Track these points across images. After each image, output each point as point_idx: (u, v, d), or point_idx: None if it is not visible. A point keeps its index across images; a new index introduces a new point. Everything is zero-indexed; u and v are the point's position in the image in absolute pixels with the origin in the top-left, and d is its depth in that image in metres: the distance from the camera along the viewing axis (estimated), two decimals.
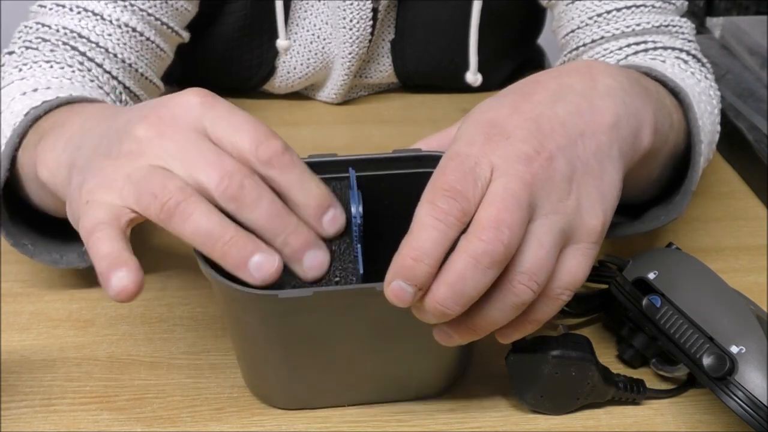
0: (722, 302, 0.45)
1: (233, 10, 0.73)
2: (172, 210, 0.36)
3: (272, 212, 0.38)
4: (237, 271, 0.37)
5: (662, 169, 0.52)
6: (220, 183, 0.37)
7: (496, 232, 0.35)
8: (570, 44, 0.68)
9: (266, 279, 0.37)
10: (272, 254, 0.38)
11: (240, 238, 0.37)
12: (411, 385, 0.46)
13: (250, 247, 0.37)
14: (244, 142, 0.38)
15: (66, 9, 0.61)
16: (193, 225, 0.37)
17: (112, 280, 0.36)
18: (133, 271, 0.36)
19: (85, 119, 0.45)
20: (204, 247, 0.37)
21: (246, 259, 0.37)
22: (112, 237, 0.37)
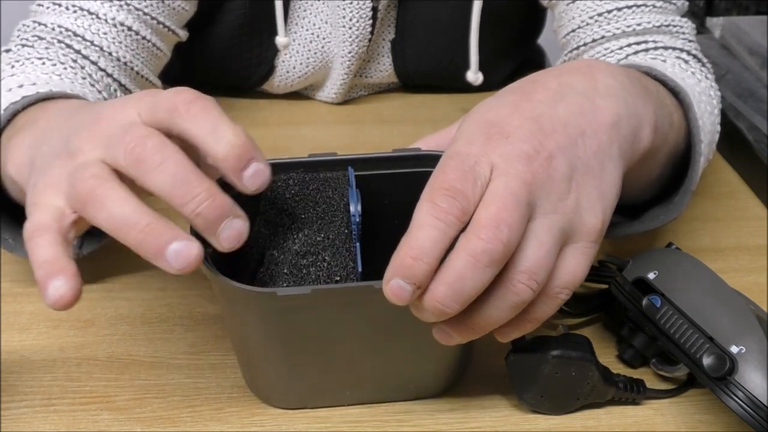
0: (722, 302, 0.45)
1: (232, 9, 0.73)
2: (86, 198, 0.35)
3: (178, 176, 0.35)
4: (155, 261, 0.35)
5: (662, 168, 0.52)
6: (125, 150, 0.35)
7: (495, 231, 0.35)
8: (571, 44, 0.68)
9: (185, 267, 0.35)
10: (190, 241, 0.35)
11: (157, 225, 0.35)
12: (411, 385, 0.46)
13: (167, 235, 0.35)
14: (160, 102, 0.37)
15: (62, 8, 0.62)
16: (106, 212, 0.35)
17: (49, 289, 0.35)
18: (70, 279, 0.35)
19: (52, 116, 0.45)
20: (119, 236, 0.35)
21: (163, 248, 0.35)
22: (51, 242, 0.36)
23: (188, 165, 0.35)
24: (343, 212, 0.43)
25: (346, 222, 0.43)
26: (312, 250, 0.41)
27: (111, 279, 0.56)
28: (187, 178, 0.35)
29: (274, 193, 0.44)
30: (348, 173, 0.45)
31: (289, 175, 0.45)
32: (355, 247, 0.42)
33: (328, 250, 0.41)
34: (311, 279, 0.40)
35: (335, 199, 0.44)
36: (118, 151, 0.36)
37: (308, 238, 0.42)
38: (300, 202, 0.44)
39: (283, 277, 0.40)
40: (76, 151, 0.38)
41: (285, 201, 0.44)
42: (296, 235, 0.42)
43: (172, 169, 0.35)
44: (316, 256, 0.41)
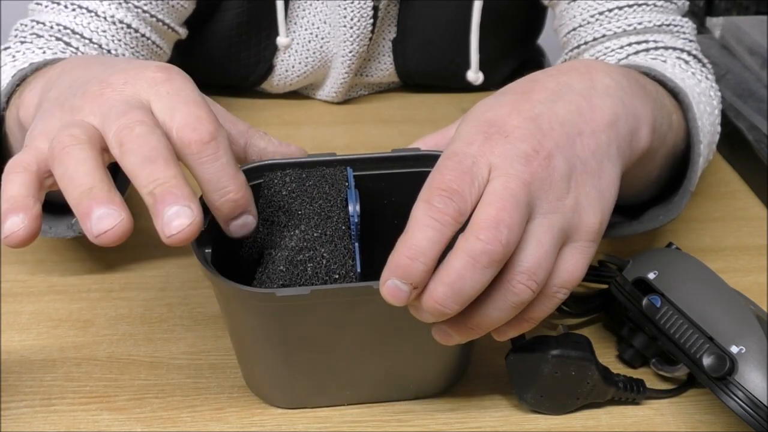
0: (722, 302, 0.45)
1: (231, 7, 0.73)
2: (56, 154, 0.36)
3: (147, 158, 0.35)
4: (82, 223, 0.34)
5: (661, 169, 0.52)
6: (117, 129, 0.36)
7: (494, 232, 0.35)
8: (571, 42, 0.68)
9: (101, 235, 0.34)
10: (120, 212, 0.34)
11: (96, 189, 0.34)
12: (411, 385, 0.46)
13: (101, 199, 0.34)
14: (175, 120, 0.37)
15: (61, 6, 0.62)
16: (62, 168, 0.35)
17: (6, 224, 0.35)
18: (29, 219, 0.35)
19: (66, 63, 0.45)
20: (65, 193, 0.35)
21: (91, 210, 0.34)
22: (25, 182, 0.36)
23: (163, 152, 0.36)
24: (341, 208, 0.43)
25: (343, 218, 0.43)
26: (309, 246, 0.41)
27: (111, 279, 0.56)
28: (155, 161, 0.35)
29: (271, 191, 0.44)
30: (346, 168, 0.45)
31: (286, 172, 0.45)
32: (354, 247, 0.42)
33: (326, 246, 0.41)
34: (308, 275, 0.40)
35: (332, 195, 0.44)
36: (111, 128, 0.36)
37: (305, 234, 0.42)
38: (297, 199, 0.44)
39: (279, 273, 0.40)
40: (77, 109, 0.38)
41: (282, 198, 0.44)
42: (293, 232, 0.42)
43: (145, 152, 0.35)
44: (314, 252, 0.41)
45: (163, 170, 0.35)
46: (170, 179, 0.35)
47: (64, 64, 0.45)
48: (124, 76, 0.39)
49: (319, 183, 0.45)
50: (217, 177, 0.38)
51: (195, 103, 0.38)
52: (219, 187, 0.38)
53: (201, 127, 0.37)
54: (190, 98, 0.38)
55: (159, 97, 0.38)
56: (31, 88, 0.45)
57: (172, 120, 0.37)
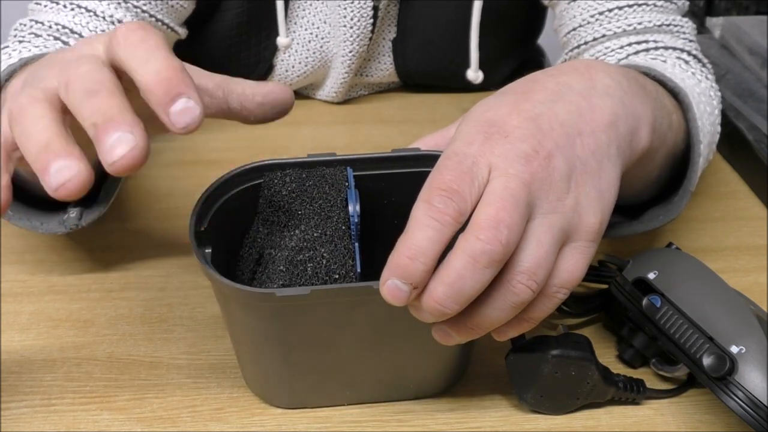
0: (722, 302, 0.45)
1: (231, 7, 0.73)
2: (14, 116, 0.35)
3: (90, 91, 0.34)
4: (41, 177, 0.34)
5: (661, 169, 0.52)
6: (65, 77, 0.35)
7: (494, 232, 0.35)
8: (571, 42, 0.68)
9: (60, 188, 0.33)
10: (77, 163, 0.33)
11: (53, 143, 0.34)
12: (411, 385, 0.46)
13: (59, 152, 0.33)
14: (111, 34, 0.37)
15: (60, 6, 0.62)
16: (20, 128, 0.35)
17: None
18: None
19: (51, 53, 0.45)
20: (24, 153, 0.35)
21: (50, 163, 0.33)
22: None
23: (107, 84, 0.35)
24: (341, 208, 0.43)
25: (343, 218, 0.43)
26: (309, 246, 0.41)
27: (111, 279, 0.56)
28: (97, 93, 0.34)
29: (271, 191, 0.44)
30: (346, 168, 0.45)
31: (286, 172, 0.45)
32: (354, 247, 0.42)
33: (326, 246, 0.41)
34: (308, 275, 0.40)
35: (332, 195, 0.44)
36: (62, 79, 0.36)
37: (305, 234, 0.42)
38: (297, 199, 0.44)
39: (279, 273, 0.40)
40: (41, 78, 0.38)
41: (282, 198, 0.44)
42: (293, 232, 0.42)
43: (88, 86, 0.34)
44: (314, 252, 0.41)
45: (106, 100, 0.34)
46: (111, 108, 0.34)
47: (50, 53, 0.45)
48: (84, 41, 0.39)
49: (319, 183, 0.45)
50: (147, 57, 0.35)
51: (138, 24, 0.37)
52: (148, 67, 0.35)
53: (129, 24, 0.36)
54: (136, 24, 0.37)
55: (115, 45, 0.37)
56: (14, 80, 0.45)
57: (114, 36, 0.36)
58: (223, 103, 0.43)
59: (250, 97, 0.43)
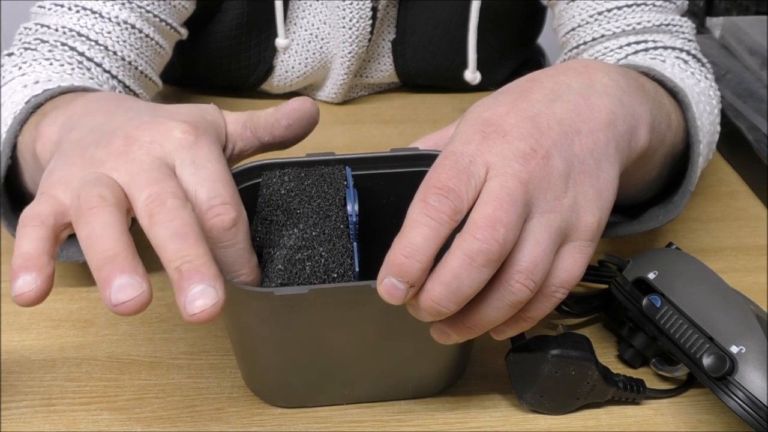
0: (722, 302, 0.45)
1: (231, 8, 0.74)
2: (82, 213, 0.35)
3: (177, 233, 0.34)
4: (101, 289, 0.33)
5: (660, 168, 0.52)
6: (147, 198, 0.35)
7: (491, 231, 0.35)
8: (570, 42, 0.68)
9: (120, 305, 0.33)
10: (141, 283, 0.33)
11: (120, 257, 0.33)
12: (410, 384, 0.46)
13: (124, 267, 0.33)
14: (199, 197, 0.37)
15: (65, 8, 0.62)
16: (88, 230, 0.34)
17: (18, 282, 0.34)
18: (41, 279, 0.34)
19: (88, 102, 0.45)
20: (87, 255, 0.34)
21: (112, 277, 0.33)
22: (40, 236, 0.35)
23: (194, 229, 0.35)
24: (339, 207, 0.43)
25: (342, 217, 0.43)
26: (307, 245, 0.41)
27: None
28: (186, 238, 0.34)
29: (270, 190, 0.44)
30: (344, 168, 0.45)
31: (285, 171, 0.45)
32: (352, 247, 0.42)
33: (324, 245, 0.41)
34: (307, 274, 0.40)
35: (331, 194, 0.44)
36: (140, 194, 0.36)
37: (303, 233, 0.42)
38: (296, 198, 0.44)
39: (277, 272, 0.40)
40: (100, 161, 0.38)
41: (281, 197, 0.44)
42: (291, 231, 0.42)
43: (176, 227, 0.35)
44: (312, 251, 0.41)
45: (193, 247, 0.34)
46: (199, 257, 0.34)
47: (87, 102, 0.45)
48: (150, 133, 0.39)
49: (317, 182, 0.45)
50: (233, 261, 0.39)
51: (220, 179, 0.38)
52: (233, 269, 0.39)
53: (225, 212, 0.37)
54: (215, 173, 0.38)
55: (184, 165, 0.38)
56: (49, 122, 0.44)
57: (197, 196, 0.37)
58: (255, 140, 0.44)
59: (276, 124, 0.44)
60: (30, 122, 0.49)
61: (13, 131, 0.49)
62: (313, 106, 0.45)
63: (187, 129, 0.39)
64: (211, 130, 0.41)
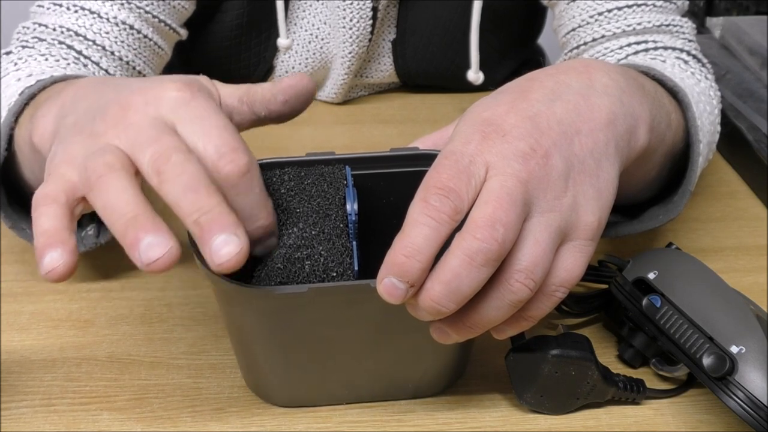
0: (722, 302, 0.45)
1: (231, 8, 0.74)
2: (93, 183, 0.35)
3: (189, 186, 0.35)
4: (130, 253, 0.34)
5: (660, 168, 0.52)
6: (151, 157, 0.36)
7: (490, 231, 0.35)
8: (570, 43, 0.68)
9: (152, 264, 0.34)
10: (167, 239, 0.34)
11: (142, 218, 0.34)
12: (410, 384, 0.46)
13: (147, 227, 0.34)
14: (207, 149, 0.37)
15: (63, 8, 0.62)
16: (104, 198, 0.35)
17: (45, 259, 0.35)
18: (67, 253, 0.35)
19: (78, 88, 0.45)
20: (108, 223, 0.35)
21: (139, 239, 0.34)
22: (56, 213, 0.36)
23: (203, 180, 0.35)
24: (339, 206, 0.43)
25: (341, 216, 0.43)
26: (307, 244, 0.41)
27: (111, 279, 0.56)
28: (197, 190, 0.35)
29: (270, 189, 0.44)
30: (344, 167, 0.45)
31: (285, 171, 0.45)
32: (352, 246, 0.42)
33: (324, 244, 0.41)
34: (306, 273, 0.40)
35: (330, 193, 0.44)
36: (144, 155, 0.36)
37: (303, 232, 0.42)
38: (295, 197, 0.44)
39: (277, 271, 0.40)
40: (100, 133, 0.38)
41: (281, 196, 0.44)
42: (291, 230, 0.42)
43: (186, 180, 0.35)
44: (311, 250, 0.41)
45: (207, 198, 0.35)
46: (214, 207, 0.35)
47: (77, 88, 0.45)
48: (143, 96, 0.39)
49: (317, 181, 0.45)
50: (251, 206, 0.39)
51: (225, 127, 0.38)
52: (251, 215, 0.39)
53: (237, 159, 0.37)
54: (218, 123, 0.38)
55: (185, 121, 0.38)
56: (43, 113, 0.44)
57: (205, 149, 0.37)
58: (251, 114, 0.44)
59: (272, 99, 0.44)
60: (25, 114, 0.49)
61: (8, 124, 0.49)
62: (310, 83, 0.45)
63: (181, 86, 0.39)
64: (204, 89, 0.41)
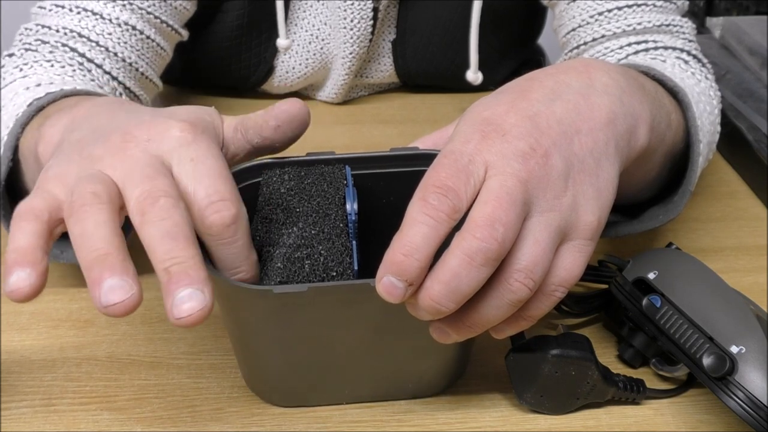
0: (722, 302, 0.45)
1: (232, 9, 0.74)
2: (74, 210, 0.35)
3: (169, 233, 0.34)
4: (91, 289, 0.33)
5: (660, 168, 0.52)
6: (140, 195, 0.35)
7: (490, 230, 0.35)
8: (571, 43, 0.68)
9: (110, 307, 0.33)
10: (132, 285, 0.33)
11: (111, 257, 0.33)
12: (410, 384, 0.46)
13: (114, 268, 0.33)
14: (198, 194, 0.37)
15: (65, 9, 0.62)
16: (80, 228, 0.34)
17: (12, 277, 0.34)
18: (36, 275, 0.34)
19: (93, 106, 0.45)
20: (78, 254, 0.34)
21: (102, 279, 0.33)
22: (35, 231, 0.35)
23: (185, 230, 0.35)
24: (339, 206, 0.43)
25: (341, 216, 0.43)
26: (306, 243, 0.41)
27: None
28: (176, 238, 0.34)
29: (270, 189, 0.44)
30: (344, 167, 0.45)
31: (285, 170, 0.45)
32: (351, 245, 0.42)
33: (323, 244, 0.41)
34: (306, 272, 0.40)
35: (331, 193, 0.44)
36: (133, 191, 0.36)
37: (303, 232, 0.42)
38: (295, 197, 0.44)
39: (276, 270, 0.40)
40: (97, 158, 0.38)
41: (281, 196, 0.44)
42: (291, 229, 0.42)
43: (167, 227, 0.34)
44: (311, 249, 0.41)
45: (183, 249, 0.34)
46: (188, 259, 0.34)
47: (91, 106, 0.44)
48: (147, 131, 0.39)
49: (317, 181, 0.45)
50: (233, 258, 0.39)
51: (219, 175, 0.38)
52: (232, 266, 0.39)
53: (224, 209, 0.37)
54: (214, 170, 0.38)
55: (182, 163, 0.38)
56: (52, 124, 0.44)
57: (195, 193, 0.37)
58: (246, 143, 0.44)
59: (264, 125, 0.44)
60: (32, 124, 0.49)
61: (14, 134, 0.49)
62: (303, 108, 0.44)
63: (185, 127, 0.39)
64: (209, 130, 0.41)
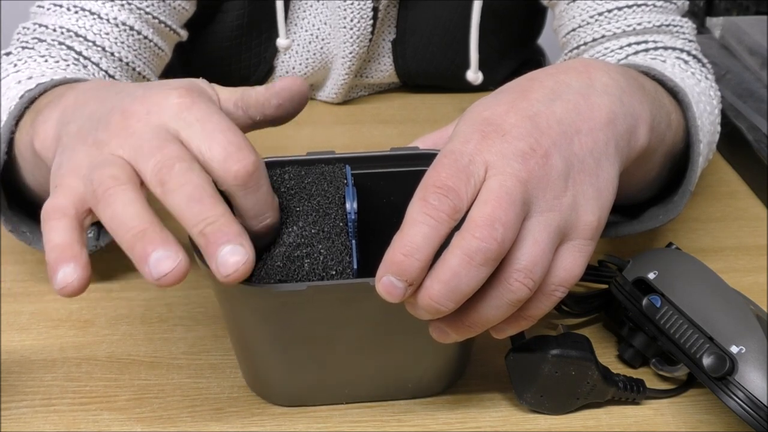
0: (722, 302, 0.45)
1: (232, 9, 0.74)
2: (99, 196, 0.35)
3: (193, 197, 0.35)
4: (139, 267, 0.34)
5: (660, 168, 0.52)
6: (154, 167, 0.36)
7: (489, 230, 0.35)
8: (571, 43, 0.68)
9: (162, 278, 0.34)
10: (176, 252, 0.34)
11: (150, 232, 0.34)
12: (410, 384, 0.46)
13: (156, 242, 0.34)
14: (214, 151, 0.37)
15: (63, 9, 0.62)
16: (110, 212, 0.35)
17: (59, 275, 0.35)
18: (80, 268, 0.35)
19: (80, 93, 0.45)
20: (116, 236, 0.35)
21: (147, 253, 0.34)
22: (66, 227, 0.36)
23: (207, 189, 0.35)
24: (339, 205, 0.43)
25: (341, 215, 0.43)
26: (306, 242, 0.41)
27: (111, 279, 0.56)
28: (201, 200, 0.35)
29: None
30: (344, 166, 0.45)
31: (285, 170, 0.45)
32: (351, 244, 0.42)
33: (323, 243, 0.41)
34: (305, 271, 0.40)
35: (330, 193, 0.44)
36: (146, 164, 0.36)
37: (303, 231, 0.42)
38: (295, 196, 0.44)
39: (276, 269, 0.40)
40: (103, 142, 0.38)
41: (281, 195, 0.44)
42: (291, 228, 0.42)
43: (189, 191, 0.35)
44: (311, 248, 0.41)
45: (210, 209, 0.35)
46: (219, 217, 0.35)
47: (78, 93, 0.44)
48: (145, 105, 0.39)
49: (317, 180, 0.45)
50: (259, 205, 0.39)
51: (228, 129, 0.38)
52: (259, 213, 0.39)
53: (244, 158, 0.37)
54: (222, 125, 0.38)
55: (189, 126, 0.38)
56: (44, 118, 0.44)
57: (211, 151, 0.37)
58: (247, 119, 0.44)
59: (266, 103, 0.44)
60: (25, 119, 0.49)
61: (8, 128, 0.49)
62: (303, 84, 0.45)
63: (182, 93, 0.39)
64: (204, 94, 0.41)
